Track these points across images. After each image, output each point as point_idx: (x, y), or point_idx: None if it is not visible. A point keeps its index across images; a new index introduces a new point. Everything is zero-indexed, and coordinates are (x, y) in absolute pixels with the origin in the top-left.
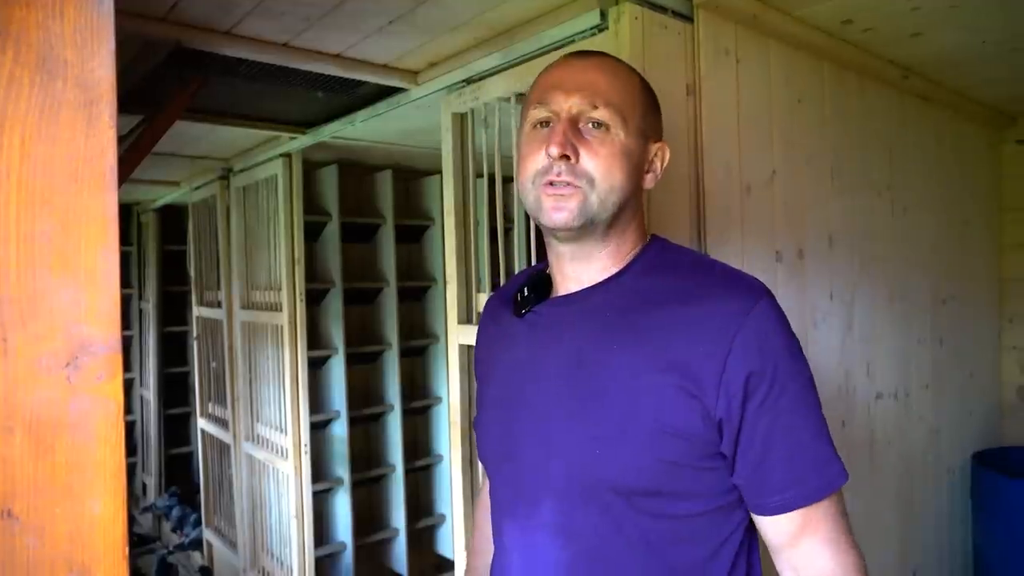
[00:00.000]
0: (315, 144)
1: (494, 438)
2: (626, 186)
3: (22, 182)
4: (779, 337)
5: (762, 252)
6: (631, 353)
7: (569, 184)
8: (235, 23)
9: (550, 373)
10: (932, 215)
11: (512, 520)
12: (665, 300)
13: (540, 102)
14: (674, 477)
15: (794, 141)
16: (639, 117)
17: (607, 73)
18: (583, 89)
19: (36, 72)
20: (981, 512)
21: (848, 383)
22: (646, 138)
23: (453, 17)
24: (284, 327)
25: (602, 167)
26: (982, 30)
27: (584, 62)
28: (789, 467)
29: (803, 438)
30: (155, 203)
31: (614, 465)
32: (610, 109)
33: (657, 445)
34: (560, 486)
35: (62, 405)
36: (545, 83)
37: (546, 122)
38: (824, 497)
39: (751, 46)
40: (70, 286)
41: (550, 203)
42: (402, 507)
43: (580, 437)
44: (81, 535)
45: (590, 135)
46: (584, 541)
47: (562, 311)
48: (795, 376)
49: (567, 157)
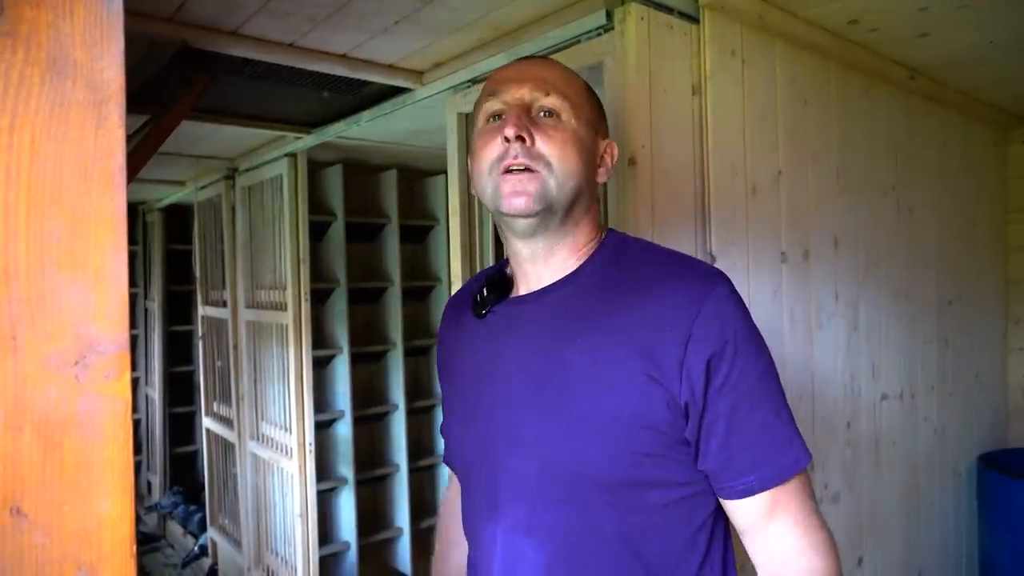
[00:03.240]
0: (320, 144)
1: (463, 442)
2: (582, 172)
3: (32, 181)
4: (737, 321)
5: (767, 253)
6: (594, 346)
7: (527, 169)
8: (241, 23)
9: (515, 373)
10: (938, 216)
11: (488, 524)
12: (624, 292)
13: (492, 94)
14: (644, 467)
15: (800, 142)
16: (588, 114)
17: (556, 68)
18: (535, 79)
19: (46, 72)
20: (987, 514)
21: (854, 384)
22: (596, 132)
23: (458, 18)
24: (289, 326)
25: (557, 151)
26: (990, 30)
27: (534, 60)
28: (753, 449)
29: (765, 420)
30: (161, 202)
31: (584, 459)
32: (561, 97)
33: (625, 436)
34: (534, 486)
35: (70, 404)
36: (497, 78)
37: (499, 114)
38: (789, 478)
39: (757, 47)
40: (79, 285)
41: (508, 187)
42: (406, 506)
43: (549, 434)
44: (89, 533)
45: (543, 122)
46: (560, 540)
47: (522, 309)
48: (755, 358)
49: (522, 139)
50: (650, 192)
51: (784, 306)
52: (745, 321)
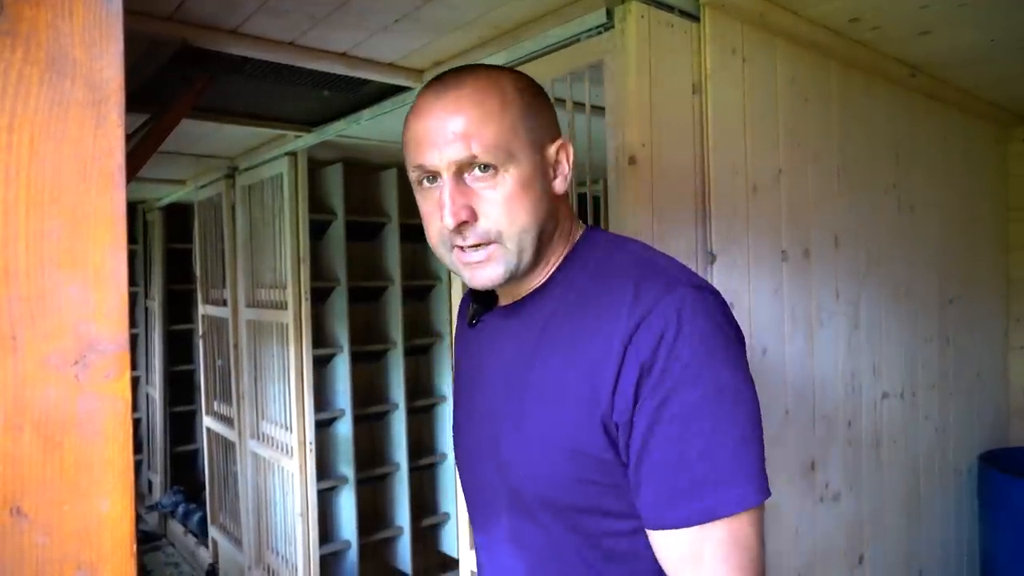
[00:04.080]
0: (320, 143)
1: (460, 445)
2: (537, 218)
3: (31, 180)
4: (686, 334)
5: (768, 251)
6: (551, 366)
7: (479, 246)
8: (241, 22)
9: (491, 383)
10: (939, 214)
11: (478, 530)
12: (584, 303)
13: (417, 164)
14: (590, 494)
15: (800, 140)
16: (525, 135)
17: (474, 104)
18: (455, 140)
19: (45, 71)
20: (988, 512)
21: (854, 382)
22: (542, 148)
23: (458, 16)
24: (289, 325)
25: (505, 216)
26: (991, 28)
27: (446, 101)
28: (680, 477)
29: (707, 447)
30: (161, 201)
31: (533, 480)
32: (491, 151)
33: (567, 463)
34: (508, 498)
35: (70, 403)
36: (415, 139)
37: (432, 177)
38: (721, 517)
39: (758, 45)
40: (79, 284)
41: (468, 272)
42: (406, 505)
43: (515, 450)
44: (89, 533)
45: (479, 183)
46: (534, 553)
47: (500, 323)
48: (706, 377)
49: (465, 222)
50: (650, 191)
51: (785, 305)
52: (700, 336)
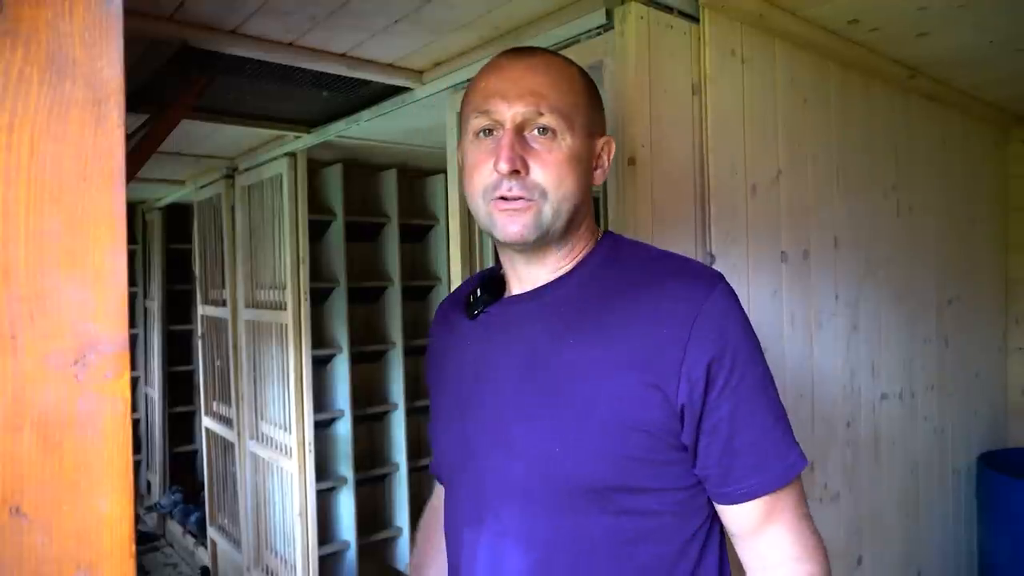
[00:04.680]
0: (320, 143)
1: (449, 446)
2: (578, 191)
3: (31, 180)
4: (737, 323)
5: (767, 252)
6: (588, 348)
7: (521, 198)
8: (241, 22)
9: (506, 373)
10: (938, 215)
11: (473, 530)
12: (619, 293)
13: (481, 111)
14: (634, 472)
15: (800, 141)
16: (584, 116)
17: (549, 75)
18: (525, 96)
19: (45, 71)
20: (987, 513)
21: (853, 383)
22: (592, 136)
23: (458, 17)
24: (288, 326)
25: (553, 177)
26: (989, 30)
27: (523, 63)
28: (752, 454)
29: (765, 424)
30: (160, 202)
31: (574, 462)
32: (555, 115)
33: (617, 440)
34: (521, 489)
35: (70, 403)
36: (485, 89)
37: (489, 130)
38: (788, 483)
39: (757, 46)
40: (78, 284)
41: (503, 218)
42: (406, 506)
43: (539, 436)
44: (88, 533)
45: (536, 143)
46: (547, 546)
47: (515, 310)
48: (755, 362)
49: (517, 172)
50: (650, 192)
51: (784, 306)
52: (743, 323)
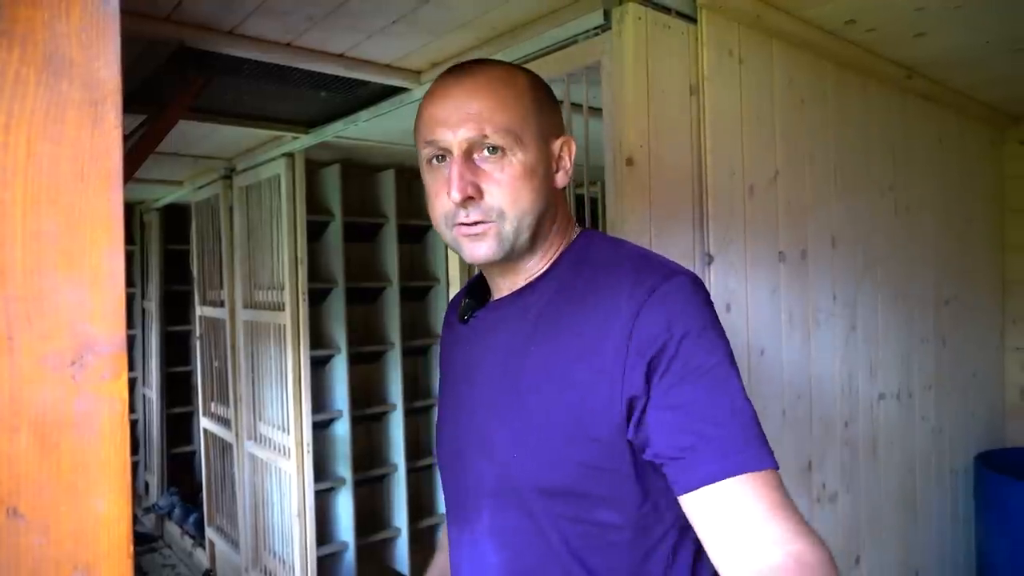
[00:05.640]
0: (318, 144)
1: (442, 445)
2: (537, 203)
3: (28, 181)
4: (691, 312)
5: (765, 252)
6: (549, 349)
7: (480, 222)
8: (238, 23)
9: (484, 377)
10: (935, 215)
11: (458, 525)
12: (582, 292)
13: (428, 140)
14: (589, 480)
15: (797, 141)
16: (535, 125)
17: (492, 93)
18: (468, 122)
19: (42, 71)
20: (985, 513)
21: (851, 383)
22: (548, 141)
23: (456, 17)
24: (287, 326)
25: (509, 196)
26: (986, 31)
27: (464, 87)
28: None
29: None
30: (158, 202)
31: (530, 467)
32: (501, 133)
33: (571, 446)
34: (491, 489)
35: (67, 404)
36: (431, 118)
37: (441, 156)
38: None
39: (754, 46)
40: (75, 285)
41: (467, 242)
42: (404, 506)
43: (503, 439)
44: (86, 534)
45: (487, 164)
46: (515, 546)
47: (494, 316)
48: (708, 352)
49: (471, 198)
50: (647, 192)
51: (782, 306)
52: (700, 314)
